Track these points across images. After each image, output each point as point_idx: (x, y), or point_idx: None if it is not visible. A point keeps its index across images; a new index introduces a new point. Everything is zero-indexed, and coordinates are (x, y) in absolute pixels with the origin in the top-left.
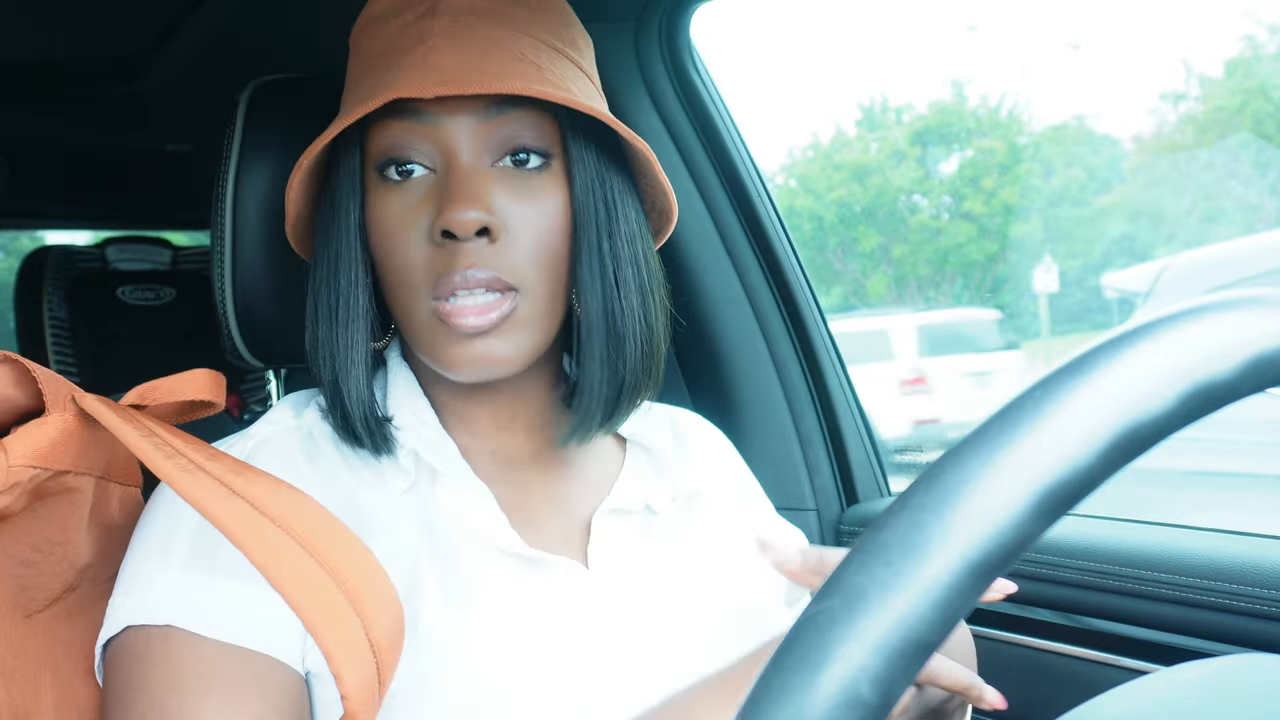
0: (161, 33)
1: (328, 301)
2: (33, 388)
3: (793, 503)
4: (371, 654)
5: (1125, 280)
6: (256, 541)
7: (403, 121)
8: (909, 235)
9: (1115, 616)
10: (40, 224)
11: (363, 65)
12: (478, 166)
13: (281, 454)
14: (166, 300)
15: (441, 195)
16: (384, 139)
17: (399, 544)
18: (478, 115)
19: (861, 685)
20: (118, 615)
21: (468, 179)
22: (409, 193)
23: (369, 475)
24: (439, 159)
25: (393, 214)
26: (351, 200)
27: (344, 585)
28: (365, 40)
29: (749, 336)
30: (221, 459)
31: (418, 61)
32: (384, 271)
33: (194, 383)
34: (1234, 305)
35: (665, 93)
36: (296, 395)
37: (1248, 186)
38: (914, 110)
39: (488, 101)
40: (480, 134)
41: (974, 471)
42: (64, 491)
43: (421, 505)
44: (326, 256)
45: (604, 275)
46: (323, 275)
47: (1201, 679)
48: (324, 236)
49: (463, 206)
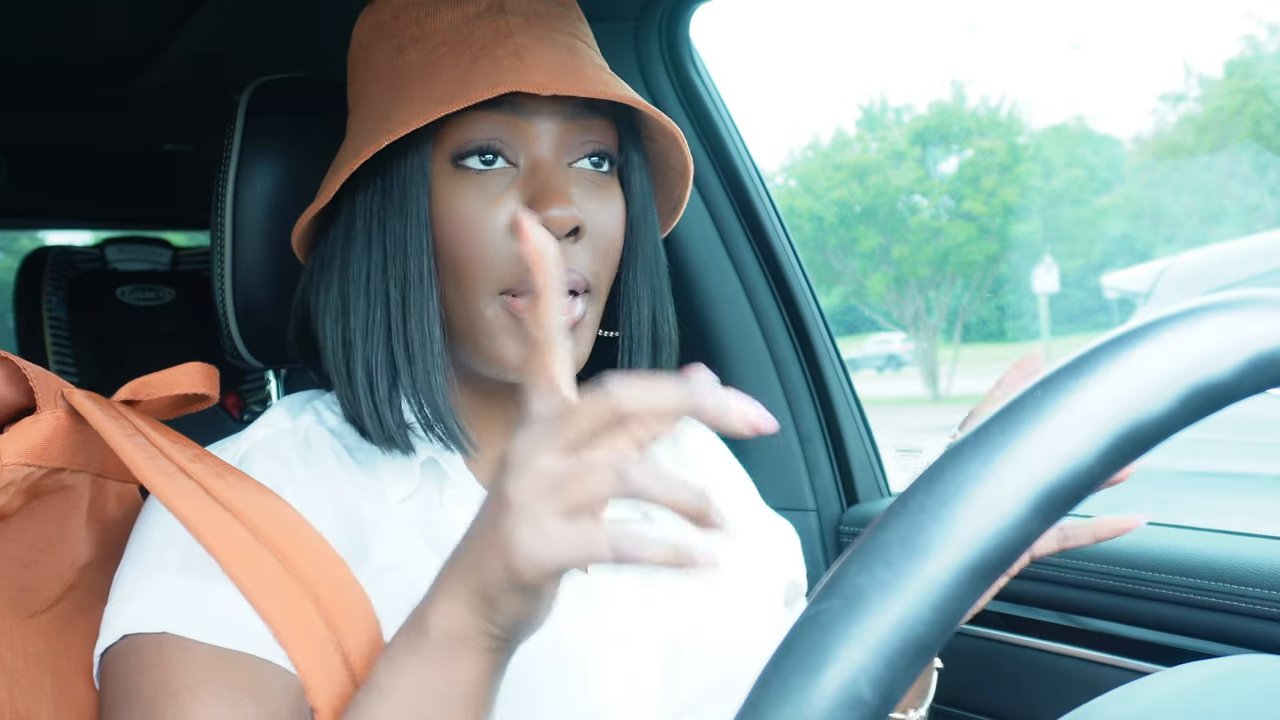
0: (161, 33)
1: (384, 292)
2: (24, 385)
3: (793, 503)
4: (345, 666)
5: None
6: (228, 547)
7: (495, 114)
8: (909, 235)
9: (1115, 617)
10: (40, 224)
11: (420, 52)
12: (560, 166)
13: (276, 457)
14: (166, 300)
15: (530, 190)
16: (471, 129)
17: (399, 551)
18: (565, 115)
19: (861, 685)
20: (114, 624)
21: (558, 177)
22: (488, 184)
23: (367, 482)
24: (523, 155)
25: (470, 203)
26: (422, 188)
27: (315, 596)
28: (409, 25)
29: (749, 336)
30: (206, 460)
31: (511, 57)
32: (451, 260)
33: (187, 376)
34: (1234, 305)
35: (665, 93)
36: (292, 398)
37: (1248, 187)
38: (914, 110)
39: (575, 103)
40: (566, 134)
41: (974, 471)
42: (60, 489)
43: (423, 513)
44: (383, 244)
45: (653, 283)
46: (373, 263)
47: (1202, 680)
48: (374, 223)
49: (560, 204)
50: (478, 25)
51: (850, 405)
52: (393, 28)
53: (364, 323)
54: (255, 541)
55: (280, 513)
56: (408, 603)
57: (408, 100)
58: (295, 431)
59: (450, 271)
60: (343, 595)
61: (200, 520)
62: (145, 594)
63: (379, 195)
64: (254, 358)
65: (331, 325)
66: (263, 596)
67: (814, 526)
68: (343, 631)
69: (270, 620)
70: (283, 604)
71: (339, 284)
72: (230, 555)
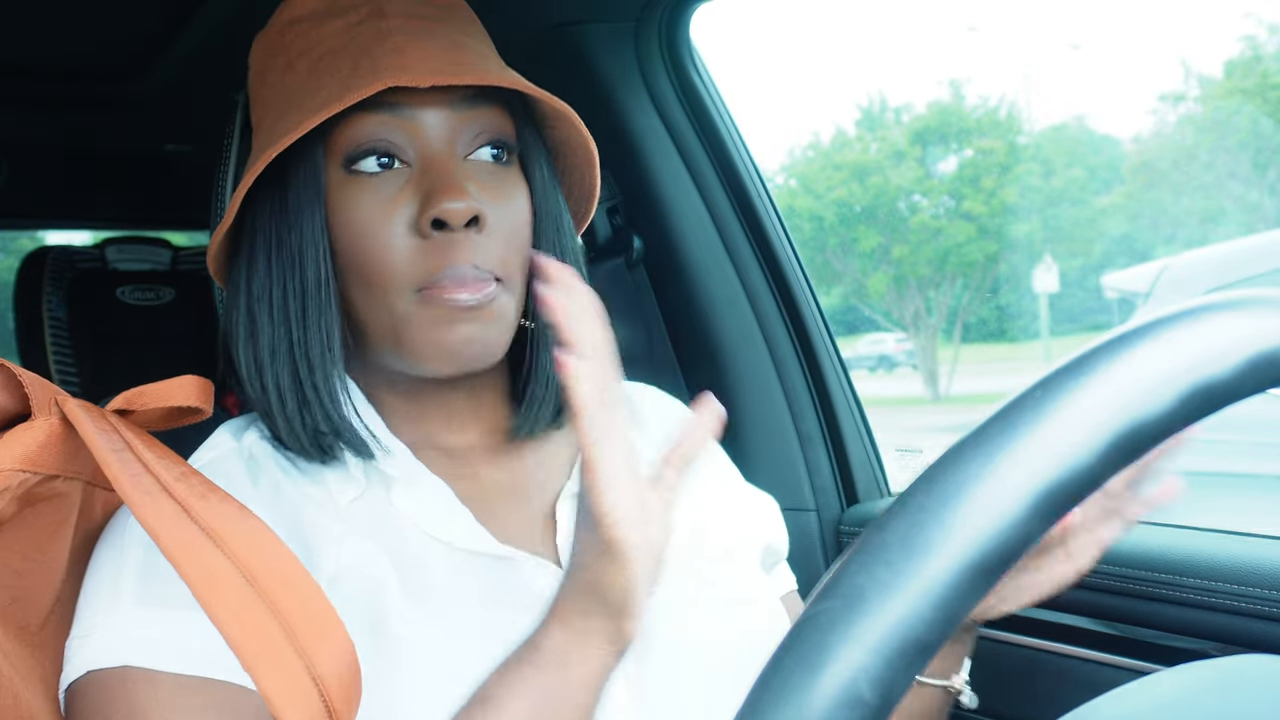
0: (161, 33)
1: (284, 306)
2: (19, 392)
3: (793, 503)
4: (317, 692)
5: (1125, 280)
6: (202, 574)
7: (379, 115)
8: (909, 235)
9: (1115, 616)
10: (40, 224)
11: (306, 63)
12: (454, 159)
13: (225, 477)
14: (166, 300)
15: (426, 186)
16: (359, 132)
17: (353, 556)
18: (453, 108)
19: (861, 686)
20: (75, 661)
21: (452, 170)
22: (384, 186)
23: (314, 490)
24: (414, 152)
25: (367, 207)
26: (316, 197)
27: (288, 624)
28: (296, 40)
29: (749, 336)
30: (191, 479)
31: (390, 55)
32: (356, 266)
33: (181, 389)
34: (1234, 305)
35: (665, 93)
36: (233, 421)
37: (1248, 187)
38: (914, 110)
39: (461, 95)
40: (455, 126)
41: (974, 471)
42: (53, 497)
43: (374, 514)
44: (280, 259)
45: None
46: (274, 279)
47: (1202, 680)
48: (272, 239)
49: (456, 195)
50: (360, 31)
51: (850, 405)
52: (280, 45)
53: (269, 340)
54: (231, 568)
55: (260, 538)
56: (363, 606)
57: (295, 110)
58: (240, 450)
59: (356, 277)
60: (316, 621)
61: (177, 545)
62: (104, 628)
63: (276, 210)
64: None
65: (244, 348)
66: (233, 624)
67: (814, 526)
68: (316, 658)
69: (239, 650)
70: (253, 632)
71: (245, 305)
72: (203, 582)
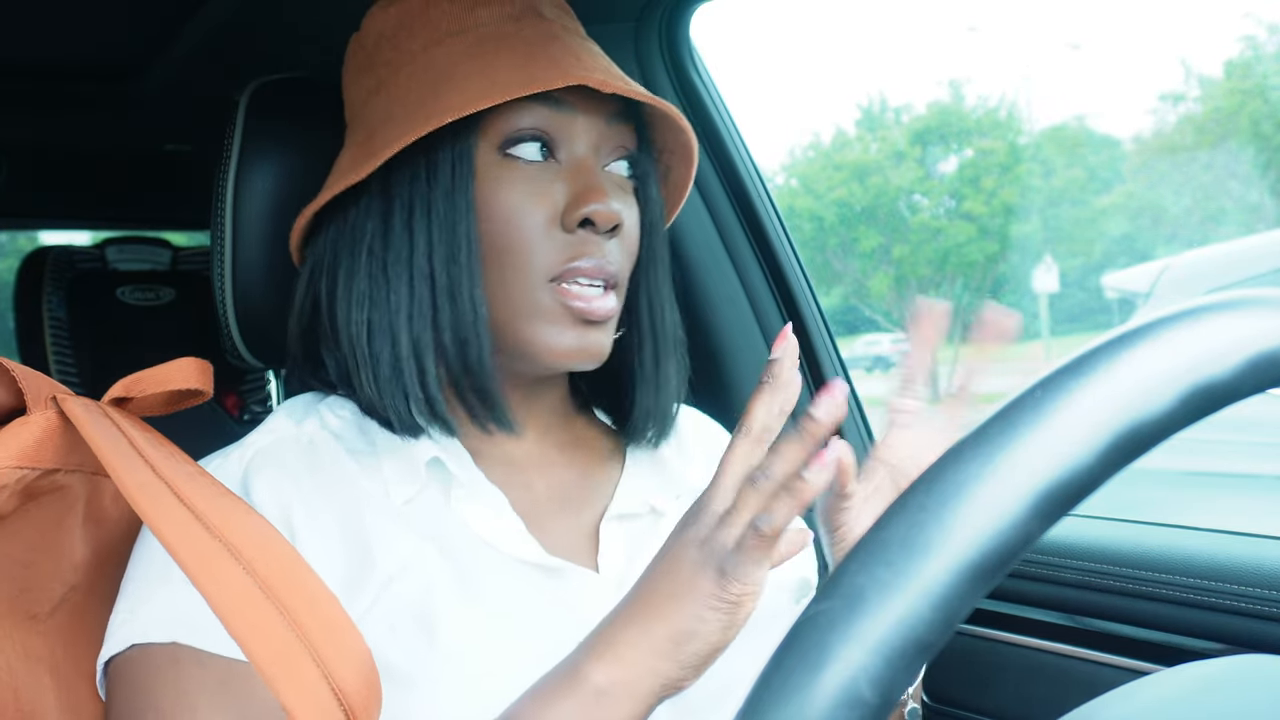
0: (161, 33)
1: (429, 275)
2: (13, 387)
3: None
4: (336, 699)
5: (1126, 280)
6: (211, 579)
7: (546, 107)
8: (909, 235)
9: (1115, 617)
10: (40, 224)
11: (463, 45)
12: (598, 166)
13: (282, 467)
14: (166, 300)
15: (578, 186)
16: (523, 118)
17: (407, 556)
18: (606, 118)
19: (861, 685)
20: (121, 633)
21: (599, 175)
22: (539, 175)
23: (371, 487)
24: (566, 152)
25: (519, 193)
26: (468, 172)
27: (300, 630)
28: (444, 19)
29: (749, 336)
30: (199, 480)
31: (566, 55)
32: (498, 247)
33: (180, 371)
34: (1234, 305)
35: (665, 93)
36: (294, 401)
37: (1248, 187)
38: (914, 110)
39: (613, 109)
40: (604, 136)
41: (974, 471)
42: (55, 490)
43: (430, 515)
44: (432, 224)
45: (672, 286)
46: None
47: (1202, 680)
48: (418, 205)
49: (609, 199)
50: (523, 25)
51: (850, 405)
52: (425, 18)
53: (406, 303)
54: (244, 574)
55: (271, 544)
56: (417, 607)
57: (459, 88)
58: (299, 438)
59: (494, 259)
60: (332, 629)
61: (187, 550)
62: (154, 603)
63: (422, 179)
64: (254, 358)
65: (356, 310)
66: (248, 632)
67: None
68: (331, 664)
69: (256, 659)
70: (270, 642)
71: (368, 269)
72: (218, 590)
